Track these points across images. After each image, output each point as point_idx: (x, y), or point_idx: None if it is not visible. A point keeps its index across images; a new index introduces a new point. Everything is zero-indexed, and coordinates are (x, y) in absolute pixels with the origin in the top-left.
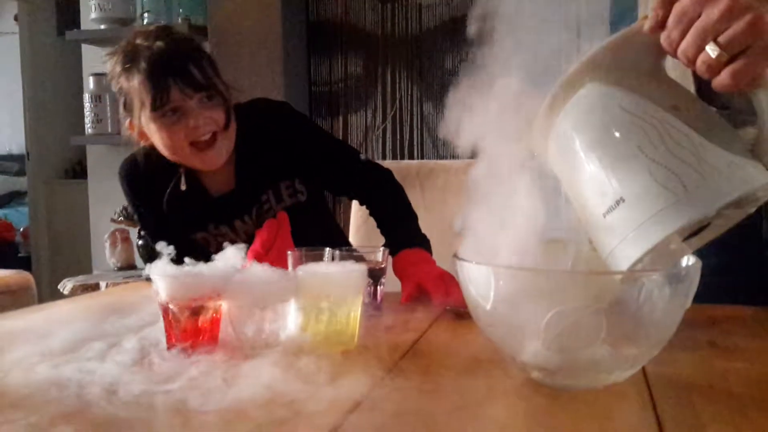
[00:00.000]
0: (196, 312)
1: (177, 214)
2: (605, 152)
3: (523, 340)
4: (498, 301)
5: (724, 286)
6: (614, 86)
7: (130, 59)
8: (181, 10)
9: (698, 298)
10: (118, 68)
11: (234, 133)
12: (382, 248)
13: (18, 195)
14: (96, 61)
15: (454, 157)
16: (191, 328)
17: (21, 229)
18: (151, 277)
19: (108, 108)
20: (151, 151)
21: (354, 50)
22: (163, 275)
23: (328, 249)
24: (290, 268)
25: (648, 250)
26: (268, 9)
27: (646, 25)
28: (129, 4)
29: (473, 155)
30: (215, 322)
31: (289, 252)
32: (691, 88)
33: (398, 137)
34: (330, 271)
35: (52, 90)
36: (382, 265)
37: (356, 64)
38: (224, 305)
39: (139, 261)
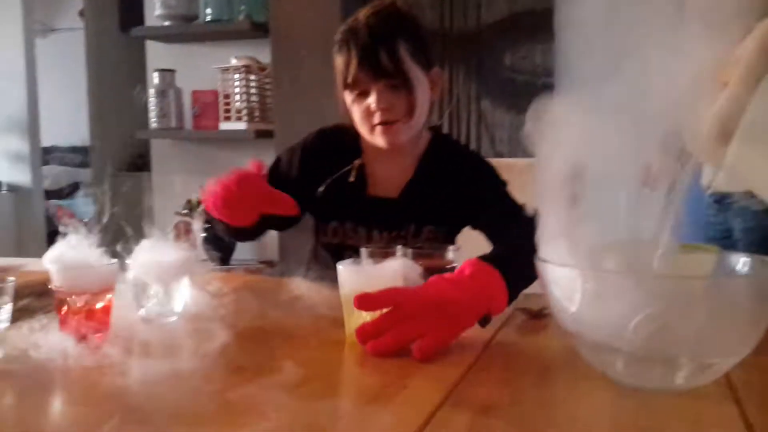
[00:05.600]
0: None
1: (329, 197)
2: None
3: (610, 342)
4: (584, 304)
5: None
6: None
7: (342, 37)
8: (243, 7)
9: None
10: (336, 45)
11: (420, 121)
12: (452, 247)
13: (80, 186)
14: (159, 57)
15: (511, 155)
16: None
17: (85, 220)
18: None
19: (172, 103)
20: (343, 132)
21: None
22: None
23: (399, 246)
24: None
25: None
26: (329, 6)
27: None
28: (192, 1)
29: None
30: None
31: (362, 249)
32: None
33: (455, 134)
34: (366, 269)
35: (114, 85)
36: (454, 264)
37: None
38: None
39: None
